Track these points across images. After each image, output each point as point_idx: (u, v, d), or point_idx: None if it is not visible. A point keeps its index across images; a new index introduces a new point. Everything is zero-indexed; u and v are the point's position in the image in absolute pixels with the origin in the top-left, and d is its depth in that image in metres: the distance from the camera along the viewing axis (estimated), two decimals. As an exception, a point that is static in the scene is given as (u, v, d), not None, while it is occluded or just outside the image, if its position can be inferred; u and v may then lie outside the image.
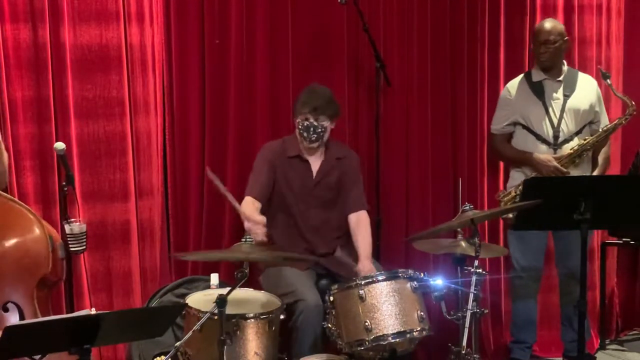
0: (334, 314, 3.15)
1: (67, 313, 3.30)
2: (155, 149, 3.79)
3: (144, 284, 3.79)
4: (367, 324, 3.03)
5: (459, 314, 3.04)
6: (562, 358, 4.11)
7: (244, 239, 2.91)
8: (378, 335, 3.02)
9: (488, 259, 4.12)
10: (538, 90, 3.90)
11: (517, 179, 3.94)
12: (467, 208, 3.11)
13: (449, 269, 3.20)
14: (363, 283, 3.09)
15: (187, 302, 3.07)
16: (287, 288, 3.33)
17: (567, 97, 3.88)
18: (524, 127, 3.92)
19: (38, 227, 3.00)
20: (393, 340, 3.03)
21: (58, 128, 3.56)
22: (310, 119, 3.49)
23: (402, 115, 4.14)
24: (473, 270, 2.98)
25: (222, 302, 2.66)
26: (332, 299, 3.16)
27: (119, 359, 3.72)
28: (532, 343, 4.08)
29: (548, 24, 3.89)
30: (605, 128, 3.88)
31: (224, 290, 2.79)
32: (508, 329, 4.18)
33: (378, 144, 3.98)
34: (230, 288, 2.80)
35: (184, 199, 3.89)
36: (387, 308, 3.05)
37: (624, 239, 4.38)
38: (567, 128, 3.87)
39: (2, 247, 2.96)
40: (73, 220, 3.18)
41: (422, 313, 3.09)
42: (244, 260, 2.79)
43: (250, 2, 3.88)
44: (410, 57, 4.13)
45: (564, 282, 4.01)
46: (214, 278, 3.43)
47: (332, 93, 3.61)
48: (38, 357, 2.29)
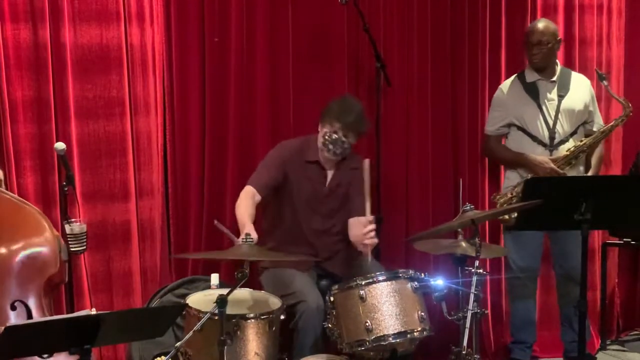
0: (335, 314, 3.15)
1: (67, 313, 3.30)
2: (156, 149, 3.79)
3: (144, 284, 3.79)
4: (367, 324, 3.03)
5: (460, 314, 3.03)
6: (562, 358, 4.11)
7: (244, 239, 2.90)
8: (379, 336, 3.02)
9: (489, 259, 4.13)
10: (532, 91, 3.90)
11: (512, 180, 3.94)
12: (467, 208, 3.10)
13: (450, 269, 3.20)
14: (364, 283, 3.08)
15: (187, 302, 3.06)
16: (288, 289, 3.32)
17: (561, 97, 3.88)
18: (519, 128, 3.91)
19: (47, 228, 3.06)
20: (394, 341, 3.03)
21: (58, 128, 3.56)
22: (340, 134, 3.44)
23: (402, 115, 4.14)
24: (474, 271, 2.98)
25: (222, 302, 2.66)
26: (332, 299, 3.15)
27: (119, 359, 3.72)
28: (532, 343, 4.08)
29: (541, 25, 3.87)
30: (602, 129, 3.88)
31: (225, 291, 2.79)
32: (508, 329, 4.18)
33: (378, 144, 3.98)
34: (231, 288, 2.80)
35: (185, 199, 3.89)
36: (387, 308, 3.05)
37: (625, 239, 4.37)
38: (562, 129, 3.86)
39: (12, 247, 3.00)
40: (73, 221, 3.18)
41: (422, 313, 3.09)
42: (245, 261, 2.79)
43: (251, 2, 3.87)
44: (411, 57, 4.12)
45: (562, 283, 4.01)
46: (215, 278, 3.43)
47: (363, 109, 3.56)
48: (46, 356, 2.31)
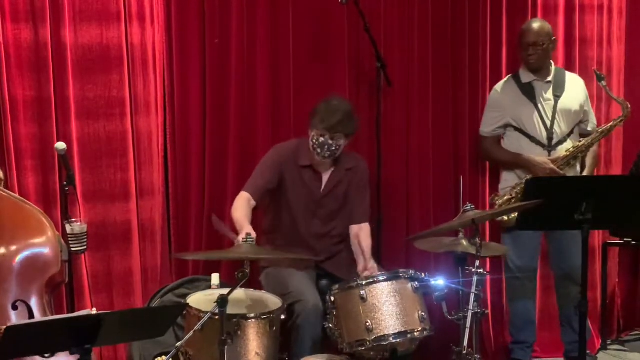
0: (335, 314, 3.15)
1: (68, 313, 3.30)
2: (156, 149, 3.79)
3: (145, 284, 3.79)
4: (368, 324, 3.03)
5: (460, 314, 3.03)
6: (563, 359, 4.10)
7: (245, 239, 2.91)
8: (379, 336, 3.02)
9: (489, 259, 4.12)
10: (528, 92, 3.89)
11: (509, 181, 3.94)
12: (468, 208, 3.10)
13: (450, 269, 3.20)
14: (364, 283, 3.08)
15: (188, 302, 3.06)
16: (286, 288, 3.32)
17: (557, 97, 3.88)
18: (516, 129, 3.91)
19: (49, 228, 3.08)
20: (394, 341, 3.03)
21: (59, 128, 3.57)
22: (326, 137, 3.42)
23: (403, 115, 4.14)
24: (474, 271, 2.98)
25: (223, 302, 2.66)
26: (333, 299, 3.15)
27: (120, 359, 3.72)
28: (532, 343, 4.08)
29: (536, 25, 3.87)
30: (601, 129, 3.88)
31: (225, 291, 2.79)
32: (508, 329, 4.18)
33: (379, 144, 3.98)
34: (231, 288, 2.80)
35: (185, 199, 3.89)
36: (388, 308, 3.05)
37: (626, 239, 4.38)
38: (560, 129, 3.87)
39: (13, 247, 3.01)
40: (74, 220, 3.19)
41: (423, 313, 3.09)
42: (245, 260, 2.79)
43: (251, 2, 3.87)
44: (411, 56, 4.12)
45: (560, 283, 4.01)
46: (215, 278, 3.43)
47: (351, 108, 3.52)
48: (47, 356, 2.32)
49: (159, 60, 3.77)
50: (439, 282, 3.09)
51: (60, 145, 3.19)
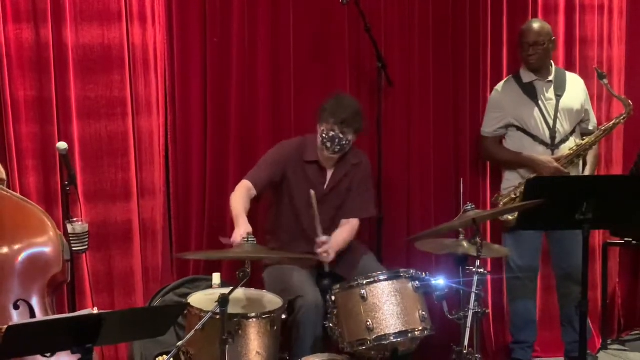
0: (336, 314, 3.15)
1: (69, 312, 3.30)
2: (157, 149, 3.80)
3: (146, 284, 3.79)
4: (368, 324, 3.03)
5: (461, 314, 3.03)
6: (563, 358, 4.11)
7: (246, 239, 2.91)
8: (380, 335, 3.02)
9: (490, 259, 4.13)
10: (530, 92, 3.90)
11: (512, 181, 3.94)
12: (468, 208, 3.10)
13: (451, 269, 3.20)
14: (365, 283, 3.09)
15: (189, 301, 3.06)
16: (287, 285, 3.33)
17: (559, 97, 3.89)
18: (519, 129, 3.91)
19: (51, 227, 3.08)
20: (395, 340, 3.03)
21: (60, 128, 3.57)
22: (337, 131, 3.43)
23: (403, 115, 4.14)
24: (475, 270, 2.98)
25: (224, 301, 2.67)
26: (334, 299, 3.16)
27: (121, 359, 3.72)
28: (532, 342, 4.08)
29: (536, 25, 3.88)
30: (604, 127, 3.89)
31: (226, 290, 2.79)
32: (509, 329, 4.18)
33: (380, 144, 3.98)
34: (232, 287, 2.80)
35: (186, 199, 3.89)
36: (388, 308, 3.05)
37: (626, 239, 4.37)
38: (562, 128, 3.87)
39: (15, 246, 3.01)
40: (75, 220, 3.19)
41: (423, 313, 3.09)
42: (246, 260, 2.80)
43: (252, 2, 3.88)
44: (412, 56, 4.12)
45: (561, 283, 4.01)
46: (216, 278, 3.43)
47: (360, 105, 3.56)
48: (48, 355, 2.32)
49: (160, 60, 3.77)
50: (440, 281, 3.10)
51: (62, 145, 3.20)
